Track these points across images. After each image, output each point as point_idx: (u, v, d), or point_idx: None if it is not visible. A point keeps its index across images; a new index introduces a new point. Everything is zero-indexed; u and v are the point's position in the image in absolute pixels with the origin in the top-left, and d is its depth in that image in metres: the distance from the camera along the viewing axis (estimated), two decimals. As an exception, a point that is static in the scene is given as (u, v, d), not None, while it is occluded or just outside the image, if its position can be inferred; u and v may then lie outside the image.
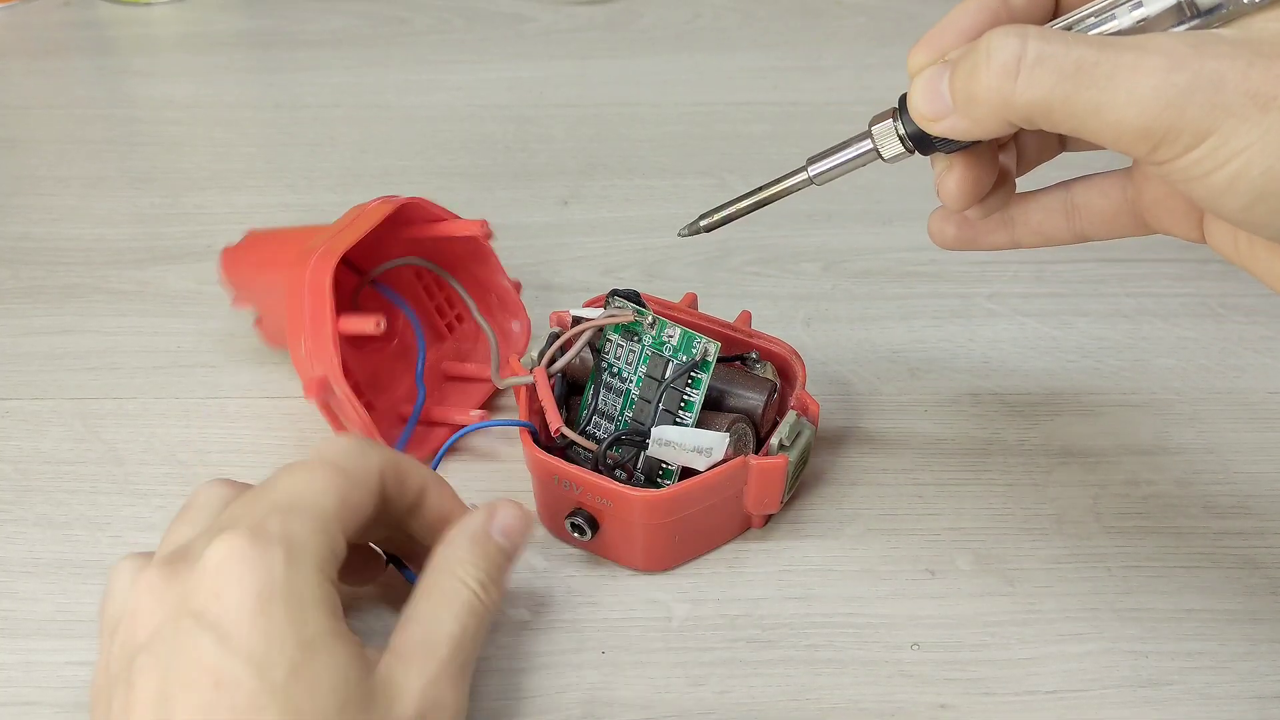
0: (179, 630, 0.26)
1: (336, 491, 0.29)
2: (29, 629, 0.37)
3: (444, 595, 0.30)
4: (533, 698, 0.34)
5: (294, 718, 0.26)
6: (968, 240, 0.34)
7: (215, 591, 0.26)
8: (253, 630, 0.26)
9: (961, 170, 0.30)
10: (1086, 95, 0.24)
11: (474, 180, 0.45)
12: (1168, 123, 0.24)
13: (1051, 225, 0.33)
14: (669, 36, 0.81)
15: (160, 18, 0.87)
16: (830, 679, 0.35)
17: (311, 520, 0.28)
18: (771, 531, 0.40)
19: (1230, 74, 0.23)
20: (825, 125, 0.68)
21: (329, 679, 0.26)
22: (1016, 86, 0.25)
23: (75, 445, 0.44)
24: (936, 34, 0.29)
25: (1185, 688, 0.34)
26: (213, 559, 0.27)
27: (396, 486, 0.32)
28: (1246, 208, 0.24)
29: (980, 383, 0.47)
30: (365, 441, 0.32)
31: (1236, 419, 0.44)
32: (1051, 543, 0.39)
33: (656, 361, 0.38)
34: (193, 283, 0.54)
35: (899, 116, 0.30)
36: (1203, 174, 0.24)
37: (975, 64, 0.26)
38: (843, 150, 0.32)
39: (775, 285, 0.53)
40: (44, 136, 0.69)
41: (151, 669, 0.26)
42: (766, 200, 0.33)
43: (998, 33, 0.25)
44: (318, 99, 0.73)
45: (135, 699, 0.26)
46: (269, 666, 0.26)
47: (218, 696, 0.25)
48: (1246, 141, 0.23)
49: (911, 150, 0.30)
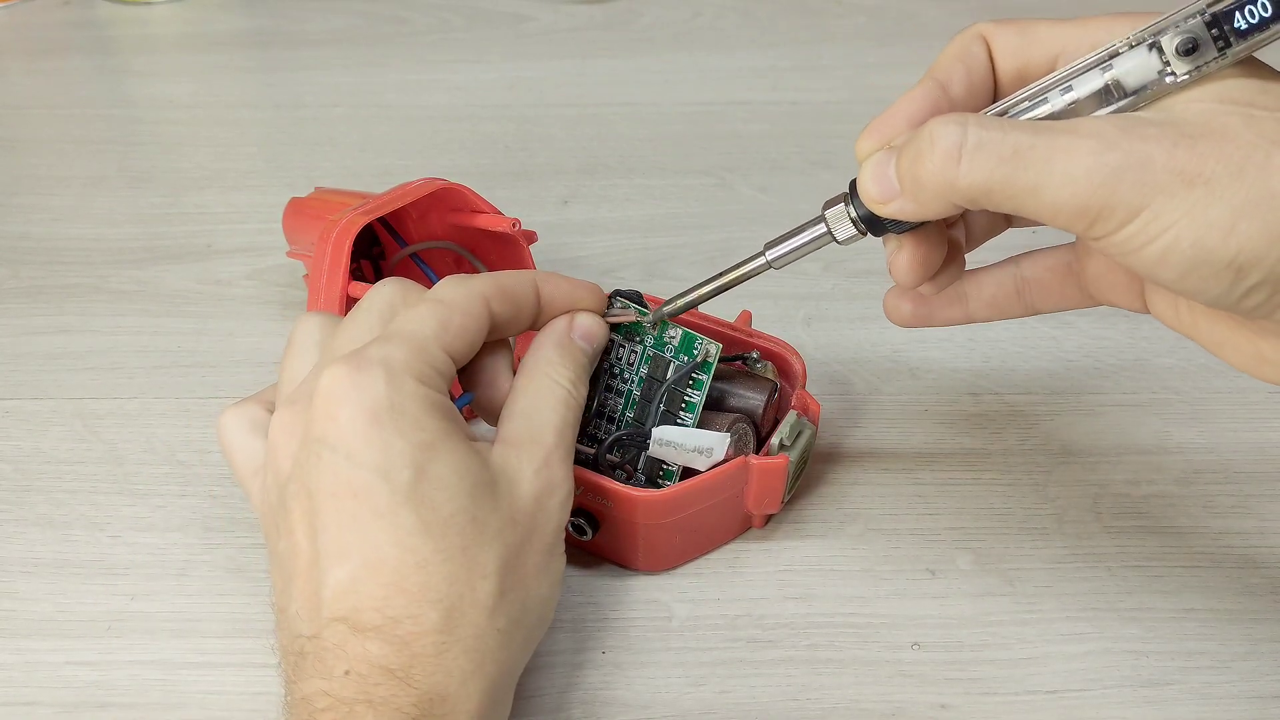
0: (311, 455, 0.30)
1: (434, 317, 0.32)
2: (29, 629, 0.37)
3: (540, 393, 0.33)
4: (533, 698, 0.34)
5: (429, 510, 0.29)
6: (923, 317, 0.35)
7: (330, 416, 0.29)
8: (369, 444, 0.29)
9: (911, 249, 0.32)
10: (1025, 177, 0.26)
11: (474, 180, 0.45)
12: (1101, 201, 0.25)
13: (1003, 298, 0.35)
14: (669, 36, 0.81)
15: (160, 18, 0.87)
16: (830, 679, 0.35)
17: (408, 342, 0.31)
18: (772, 531, 0.40)
19: (1157, 154, 0.25)
20: (825, 125, 0.68)
21: (452, 473, 0.29)
22: (959, 171, 0.27)
23: (75, 445, 0.44)
24: (883, 122, 0.30)
25: (1185, 688, 0.34)
26: (322, 389, 0.30)
27: (507, 306, 0.34)
28: (1180, 277, 0.26)
29: (980, 383, 0.47)
30: (464, 275, 0.34)
31: (1236, 419, 0.44)
32: (1051, 543, 0.39)
33: (658, 362, 0.38)
34: (193, 283, 0.54)
35: (850, 201, 0.31)
36: (1137, 248, 0.26)
37: (919, 150, 0.27)
38: (798, 234, 0.33)
39: (775, 285, 0.52)
40: (44, 136, 0.69)
41: (299, 493, 0.30)
42: (727, 285, 0.35)
43: (939, 121, 0.27)
44: (318, 99, 0.73)
45: (293, 521, 0.30)
46: (394, 471, 0.29)
47: (358, 504, 0.29)
48: (1175, 216, 0.25)
49: (864, 232, 0.31)
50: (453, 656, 0.28)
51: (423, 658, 0.28)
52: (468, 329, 0.32)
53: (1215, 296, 0.26)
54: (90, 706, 0.34)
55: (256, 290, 0.54)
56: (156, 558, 0.39)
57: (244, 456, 0.34)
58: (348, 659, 0.28)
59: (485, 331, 0.33)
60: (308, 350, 0.34)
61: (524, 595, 0.31)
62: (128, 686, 0.35)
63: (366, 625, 0.28)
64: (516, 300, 0.34)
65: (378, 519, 0.29)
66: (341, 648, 0.28)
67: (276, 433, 0.31)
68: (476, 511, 0.29)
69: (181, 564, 0.39)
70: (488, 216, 0.45)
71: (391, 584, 0.28)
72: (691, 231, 0.58)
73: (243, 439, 0.34)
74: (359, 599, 0.28)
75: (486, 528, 0.30)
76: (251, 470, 0.33)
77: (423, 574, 0.28)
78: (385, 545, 0.28)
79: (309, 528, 0.29)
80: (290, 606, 0.30)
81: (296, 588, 0.29)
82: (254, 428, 0.34)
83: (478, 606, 0.29)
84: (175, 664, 0.35)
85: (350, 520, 0.29)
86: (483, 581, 0.29)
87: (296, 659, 0.29)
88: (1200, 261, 0.25)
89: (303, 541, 0.29)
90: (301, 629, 0.29)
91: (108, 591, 0.38)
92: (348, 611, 0.28)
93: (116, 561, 0.39)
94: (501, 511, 0.30)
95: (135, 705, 0.34)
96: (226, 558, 0.39)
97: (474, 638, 0.29)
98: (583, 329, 0.36)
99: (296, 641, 0.29)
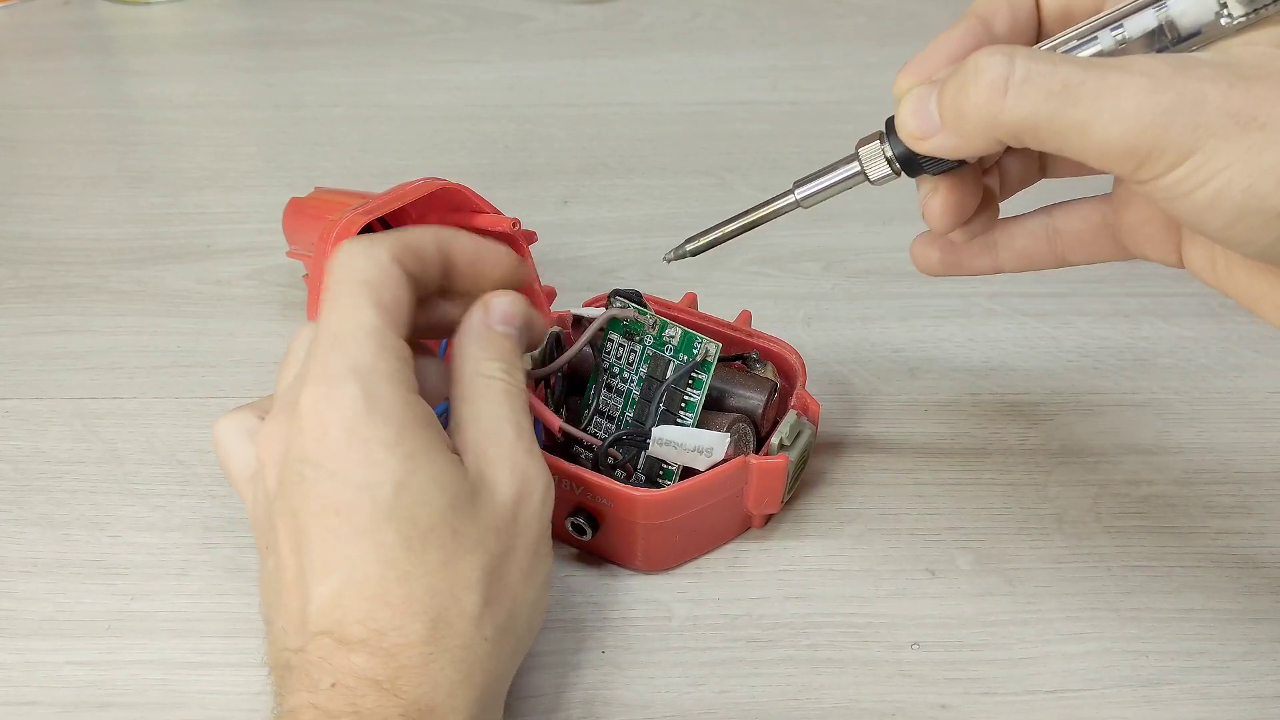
0: (293, 475, 0.29)
1: (369, 301, 0.30)
2: (29, 629, 0.37)
3: (479, 393, 0.32)
4: (533, 698, 0.34)
5: (410, 524, 0.29)
6: (951, 265, 0.34)
7: (313, 436, 0.29)
8: (350, 460, 0.29)
9: (946, 192, 0.31)
10: (1073, 113, 0.25)
11: (474, 180, 0.45)
12: (1151, 141, 0.24)
13: (1034, 249, 0.34)
14: (669, 36, 0.81)
15: (160, 17, 0.87)
16: (830, 679, 0.35)
17: (364, 341, 0.30)
18: (772, 531, 0.40)
19: (1212, 94, 0.24)
20: (825, 125, 0.68)
21: (432, 484, 0.29)
22: (1005, 104, 0.26)
23: (75, 445, 0.44)
24: (923, 59, 0.29)
25: (1185, 688, 0.34)
26: (303, 408, 0.30)
27: (417, 263, 0.32)
28: (1228, 225, 0.25)
29: (980, 383, 0.47)
30: (364, 239, 0.32)
31: (1236, 419, 0.44)
32: (1051, 543, 0.39)
33: (657, 362, 0.38)
34: (193, 283, 0.54)
35: (886, 139, 0.30)
36: (1185, 192, 0.25)
37: (964, 81, 0.26)
38: (829, 173, 0.32)
39: (775, 285, 0.53)
40: (44, 136, 0.69)
41: (284, 511, 0.30)
42: (753, 224, 0.34)
43: (986, 51, 0.26)
44: (318, 99, 0.73)
45: (280, 538, 0.30)
46: (375, 486, 0.28)
47: (340, 521, 0.29)
48: (1227, 160, 0.24)
49: (898, 172, 0.31)
50: (439, 667, 0.28)
51: (409, 669, 0.28)
52: (400, 300, 0.31)
53: (1262, 247, 0.25)
54: (90, 706, 0.34)
55: (256, 290, 0.54)
56: (156, 558, 0.39)
57: (239, 465, 0.34)
58: (334, 671, 0.28)
59: (413, 293, 0.32)
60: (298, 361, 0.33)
61: (511, 603, 0.31)
62: (127, 686, 0.35)
63: (352, 638, 0.28)
64: (423, 256, 0.33)
65: (359, 535, 0.28)
66: (327, 660, 0.28)
67: (262, 450, 0.31)
68: (456, 523, 0.29)
69: (181, 564, 0.39)
70: (488, 216, 0.45)
71: (375, 598, 0.28)
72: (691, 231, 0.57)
73: (238, 446, 0.34)
74: (343, 613, 0.28)
75: (467, 538, 0.29)
76: (246, 477, 0.33)
77: (405, 587, 0.28)
78: (368, 561, 0.28)
79: (294, 545, 0.29)
80: (277, 620, 0.30)
81: (282, 602, 0.30)
82: (249, 435, 0.34)
83: (463, 617, 0.29)
84: (175, 664, 0.35)
85: (333, 537, 0.29)
86: (466, 592, 0.29)
87: (283, 672, 0.29)
88: (1251, 209, 0.24)
89: (288, 558, 0.29)
90: (288, 643, 0.29)
91: (107, 591, 0.38)
92: (332, 625, 0.28)
93: (116, 561, 0.39)
94: (482, 520, 0.30)
95: (135, 705, 0.34)
96: (226, 558, 0.39)
97: (461, 648, 0.29)
98: (500, 312, 0.34)
99: (283, 655, 0.29)
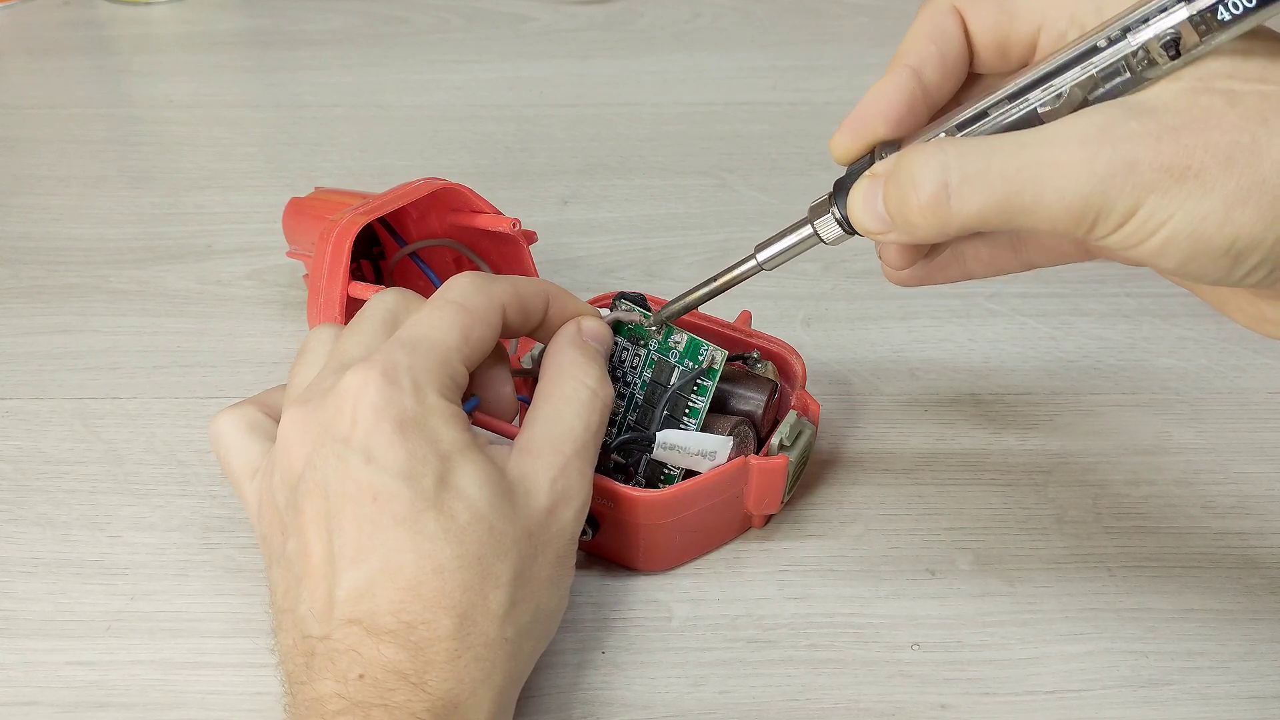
0: (329, 455, 0.29)
1: (459, 328, 0.32)
2: (29, 629, 0.37)
3: (567, 397, 0.33)
4: (533, 697, 0.34)
5: (449, 518, 0.29)
6: (921, 278, 0.35)
7: (354, 419, 0.29)
8: (394, 450, 0.29)
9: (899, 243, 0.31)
10: (1018, 202, 0.26)
11: (474, 180, 0.45)
12: (1097, 207, 0.25)
13: (999, 257, 0.35)
14: (669, 36, 0.81)
15: (160, 17, 0.87)
16: (830, 679, 0.35)
17: (435, 355, 0.31)
18: (772, 531, 0.40)
19: (1143, 153, 0.25)
20: (825, 125, 0.68)
21: (472, 483, 0.30)
22: (951, 210, 0.27)
23: (75, 445, 0.44)
24: (858, 118, 0.30)
25: (1185, 688, 0.34)
26: (349, 389, 0.30)
27: (519, 314, 0.34)
28: (1180, 266, 0.26)
29: (980, 383, 0.47)
30: (486, 277, 0.34)
31: (1236, 419, 0.44)
32: (1051, 543, 0.39)
33: (662, 367, 0.38)
34: (193, 283, 0.54)
35: (836, 201, 0.31)
36: (1137, 243, 0.26)
37: (904, 195, 0.27)
38: (786, 236, 0.33)
39: (775, 285, 0.53)
40: (44, 136, 0.69)
41: (314, 492, 0.30)
42: (720, 289, 0.35)
43: (918, 160, 0.27)
44: (318, 99, 0.73)
45: (305, 521, 0.30)
46: (417, 477, 0.29)
47: (378, 508, 0.29)
48: (1170, 211, 0.25)
49: (850, 233, 0.31)
50: (464, 664, 0.29)
51: (436, 664, 0.28)
52: (485, 340, 0.33)
53: (1216, 279, 0.26)
54: (90, 706, 0.34)
55: (256, 290, 0.54)
56: (156, 558, 0.39)
57: (241, 459, 0.34)
58: (362, 662, 0.28)
59: (497, 337, 0.33)
60: (320, 358, 0.34)
61: (534, 606, 0.31)
62: (127, 686, 0.35)
63: (382, 629, 0.28)
64: (529, 311, 0.34)
65: (398, 524, 0.29)
66: (355, 650, 0.28)
67: (289, 431, 0.31)
68: (494, 521, 0.30)
69: (181, 564, 0.39)
70: (488, 216, 0.45)
71: (408, 589, 0.28)
72: (691, 231, 0.58)
73: (241, 440, 0.34)
74: (375, 602, 0.28)
75: (503, 538, 0.30)
76: (249, 472, 0.33)
77: (439, 580, 0.29)
78: (404, 550, 0.29)
79: (323, 528, 0.29)
80: (299, 607, 0.30)
81: (306, 588, 0.29)
82: (252, 429, 0.34)
83: (489, 615, 0.29)
84: (175, 664, 0.35)
85: (369, 524, 0.29)
86: (496, 591, 0.29)
87: (306, 659, 0.29)
88: (1199, 251, 0.25)
89: (315, 542, 0.29)
90: (311, 629, 0.29)
91: (107, 591, 0.38)
92: (363, 614, 0.28)
93: (116, 561, 0.39)
94: (518, 522, 0.30)
95: (135, 705, 0.34)
96: (226, 558, 0.39)
97: (484, 646, 0.29)
98: (591, 332, 0.36)
99: (306, 642, 0.29)
